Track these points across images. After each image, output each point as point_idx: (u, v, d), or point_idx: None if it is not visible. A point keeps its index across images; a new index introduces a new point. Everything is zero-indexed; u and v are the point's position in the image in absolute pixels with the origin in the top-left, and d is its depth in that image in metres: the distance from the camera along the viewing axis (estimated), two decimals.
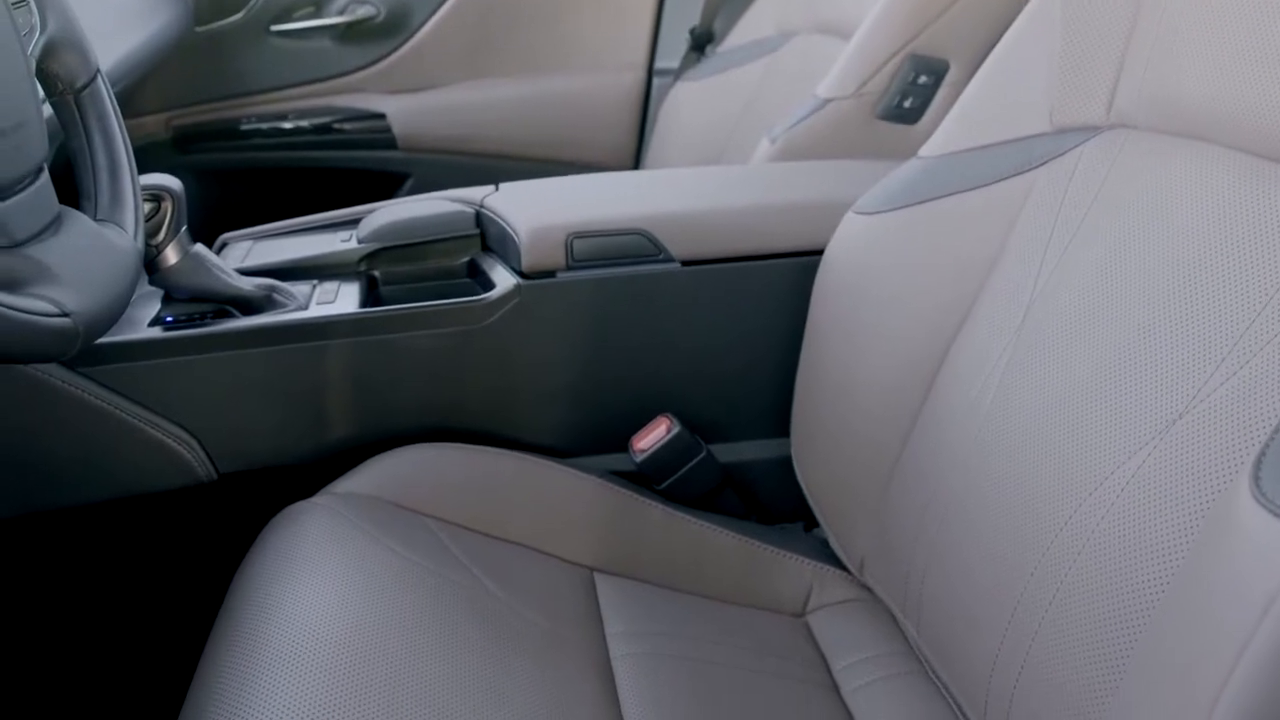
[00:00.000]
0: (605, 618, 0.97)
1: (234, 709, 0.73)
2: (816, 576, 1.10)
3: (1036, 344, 0.85)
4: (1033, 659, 0.76)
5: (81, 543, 1.12)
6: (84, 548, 1.13)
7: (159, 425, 1.06)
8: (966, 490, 0.87)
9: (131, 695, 1.18)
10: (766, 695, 0.93)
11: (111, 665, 1.17)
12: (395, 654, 0.79)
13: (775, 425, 1.18)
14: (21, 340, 0.66)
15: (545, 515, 1.05)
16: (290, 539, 0.92)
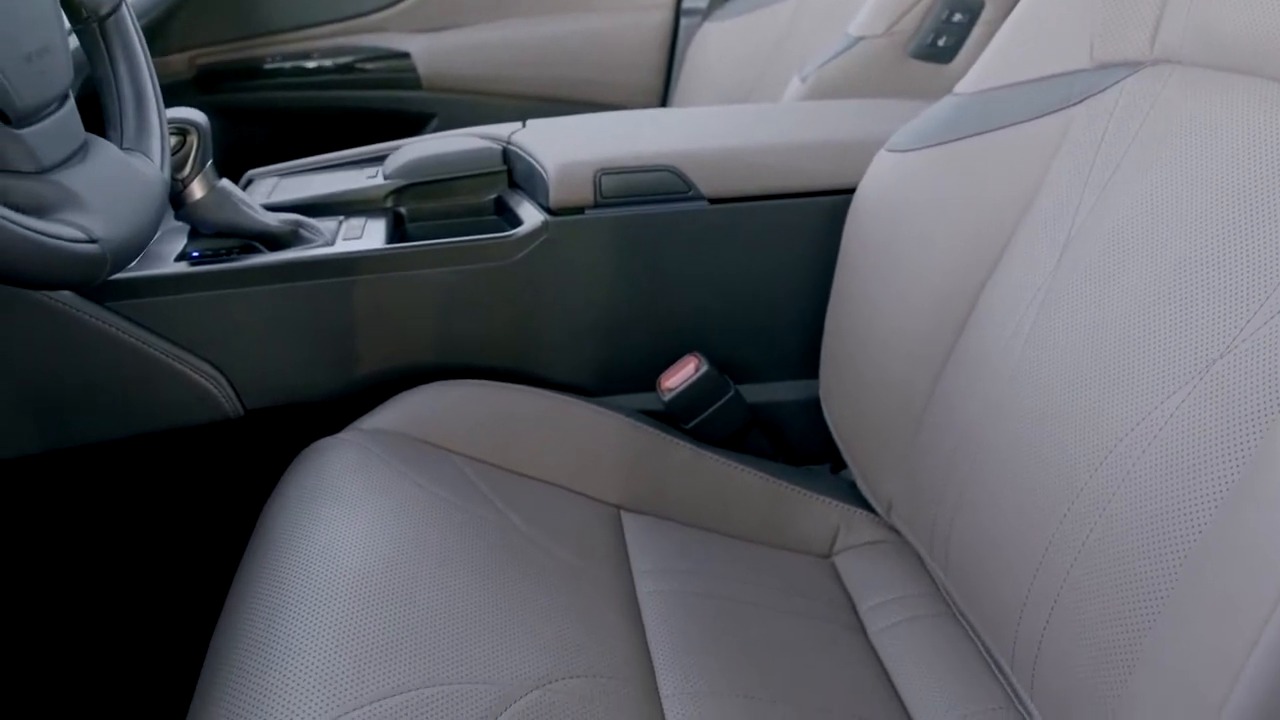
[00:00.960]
0: (632, 555, 0.97)
1: (263, 641, 0.74)
2: (843, 518, 1.09)
3: (1073, 282, 0.83)
4: (1063, 600, 0.75)
5: (109, 478, 1.13)
6: (111, 483, 1.13)
7: (186, 360, 1.06)
8: (998, 431, 0.86)
9: (159, 630, 1.19)
10: (792, 634, 0.92)
11: (140, 599, 1.18)
12: (424, 587, 0.79)
13: (803, 366, 1.17)
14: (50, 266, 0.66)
15: (572, 453, 1.04)
16: (317, 474, 0.92)
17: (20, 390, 1.02)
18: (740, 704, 0.82)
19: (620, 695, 0.78)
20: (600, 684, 0.77)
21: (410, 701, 0.68)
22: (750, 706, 0.82)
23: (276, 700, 0.68)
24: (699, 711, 0.80)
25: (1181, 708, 0.61)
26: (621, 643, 0.84)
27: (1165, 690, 0.63)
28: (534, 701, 0.72)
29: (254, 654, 0.73)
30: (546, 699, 0.73)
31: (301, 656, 0.70)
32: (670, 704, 0.80)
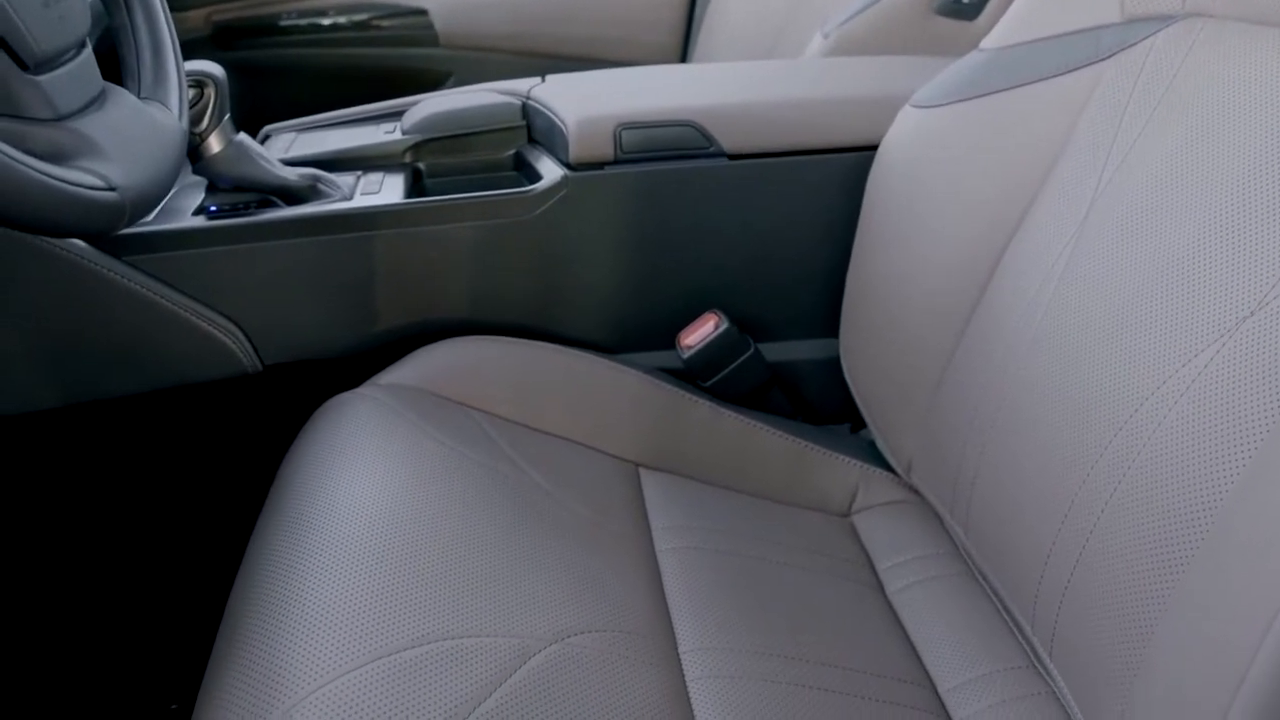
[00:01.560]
0: (650, 512, 0.97)
1: (281, 594, 0.74)
2: (863, 477, 1.09)
3: (1099, 240, 0.82)
4: (1085, 561, 0.75)
5: (128, 433, 1.13)
6: (130, 438, 1.13)
7: (204, 315, 1.06)
8: (1021, 390, 0.85)
9: (179, 583, 1.20)
10: (811, 591, 0.92)
11: (159, 553, 1.19)
12: (442, 539, 0.78)
13: (824, 325, 1.17)
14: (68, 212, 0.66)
15: (590, 410, 1.04)
16: (336, 428, 0.92)
17: (39, 344, 1.02)
18: (758, 660, 0.81)
19: (638, 649, 0.77)
20: (618, 638, 0.77)
21: (429, 654, 0.68)
22: (768, 663, 0.81)
23: (295, 652, 0.68)
24: (716, 666, 0.80)
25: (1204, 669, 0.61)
26: (640, 598, 0.84)
27: (1187, 652, 0.63)
28: (552, 655, 0.72)
29: (272, 606, 0.73)
30: (565, 652, 0.73)
31: (320, 608, 0.70)
32: (688, 659, 0.80)
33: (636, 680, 0.74)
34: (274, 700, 0.64)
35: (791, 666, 0.82)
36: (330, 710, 0.63)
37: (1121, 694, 0.71)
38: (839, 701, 0.80)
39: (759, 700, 0.77)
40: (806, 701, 0.79)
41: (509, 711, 0.67)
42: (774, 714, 0.77)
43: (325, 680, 0.65)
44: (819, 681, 0.81)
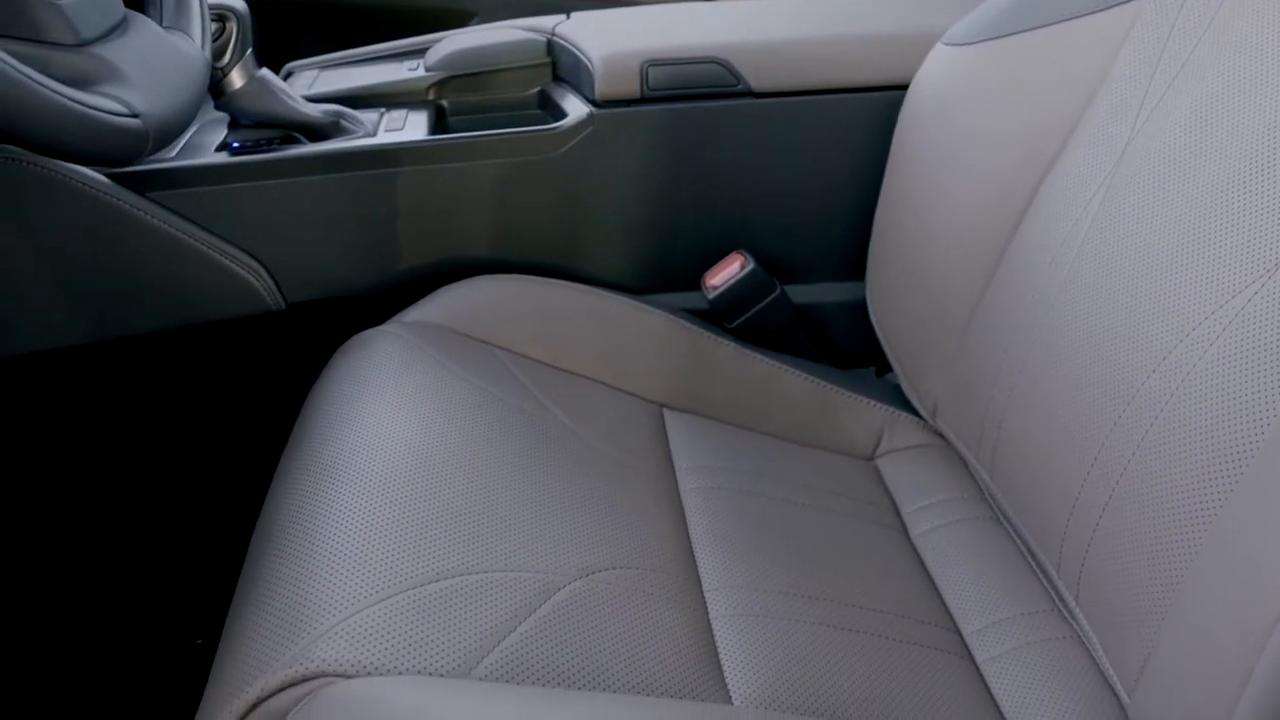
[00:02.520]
0: (674, 452, 0.96)
1: (305, 528, 0.73)
2: (887, 421, 1.08)
3: (1135, 179, 0.81)
4: (1115, 504, 0.74)
5: (152, 370, 1.13)
6: (154, 375, 1.13)
7: (227, 252, 1.05)
8: (1051, 332, 0.84)
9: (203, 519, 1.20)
10: (835, 533, 0.92)
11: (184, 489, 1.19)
12: (466, 476, 0.78)
13: (850, 267, 1.15)
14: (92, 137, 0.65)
15: (614, 350, 1.03)
16: (359, 365, 0.92)
17: (64, 280, 1.01)
18: (782, 599, 0.81)
19: (663, 587, 0.77)
20: (643, 575, 0.77)
21: (454, 587, 0.68)
22: (792, 602, 0.81)
23: (319, 585, 0.68)
24: (741, 605, 0.80)
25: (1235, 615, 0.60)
26: (664, 537, 0.83)
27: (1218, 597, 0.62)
28: (577, 590, 0.72)
29: (296, 540, 0.73)
30: (590, 588, 0.73)
31: (344, 542, 0.70)
32: (712, 597, 0.80)
33: (661, 616, 0.74)
34: (299, 632, 0.64)
35: (815, 606, 0.82)
36: (355, 642, 0.63)
37: (1147, 638, 0.70)
38: (863, 641, 0.80)
39: (783, 638, 0.77)
40: (830, 641, 0.79)
41: (534, 645, 0.67)
42: (798, 653, 0.77)
43: (350, 612, 0.65)
44: (843, 621, 0.81)
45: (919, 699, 0.77)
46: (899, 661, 0.79)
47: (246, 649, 0.66)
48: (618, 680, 0.68)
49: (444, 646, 0.64)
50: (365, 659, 0.62)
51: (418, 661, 0.63)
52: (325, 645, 0.63)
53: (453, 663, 0.64)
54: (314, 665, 0.62)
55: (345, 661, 0.62)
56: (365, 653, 0.62)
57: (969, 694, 0.79)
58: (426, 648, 0.64)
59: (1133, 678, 0.72)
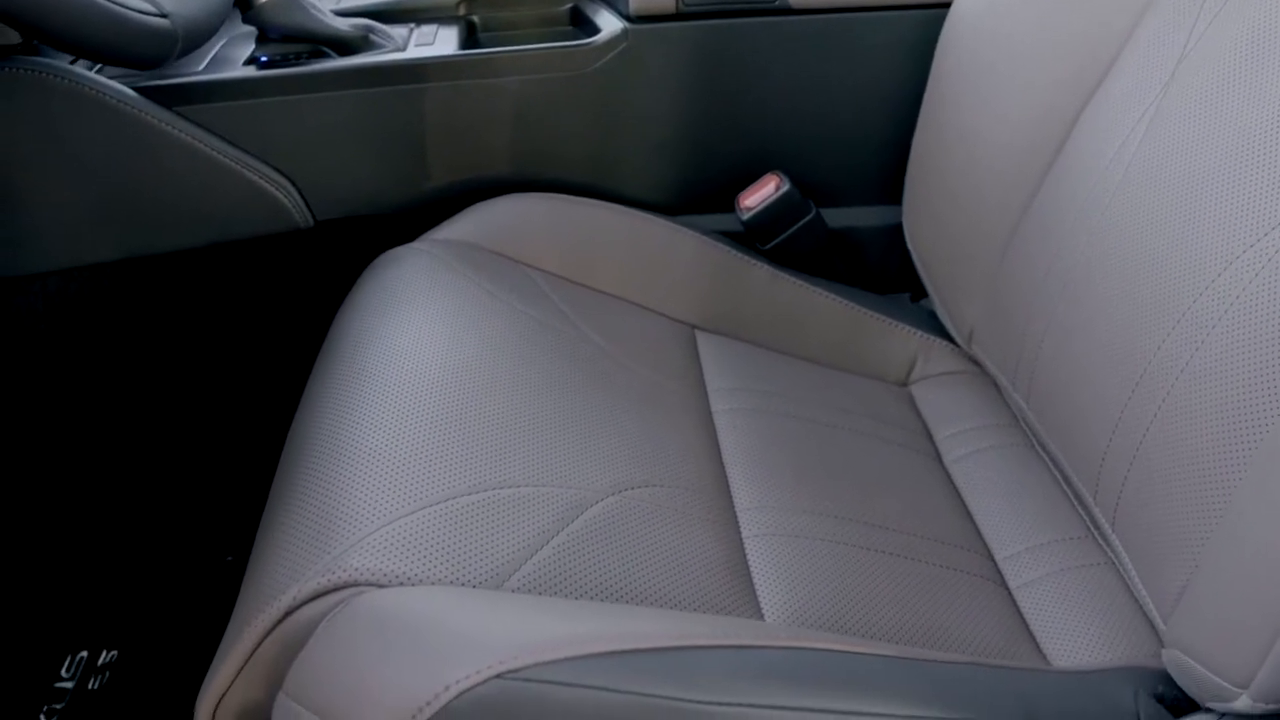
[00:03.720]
0: (706, 374, 0.95)
1: (336, 439, 0.73)
2: (922, 347, 1.07)
3: (1186, 100, 0.78)
4: (1157, 428, 0.73)
5: (181, 287, 1.13)
6: (183, 292, 1.13)
7: (256, 169, 1.04)
8: (1093, 257, 0.82)
9: (233, 436, 1.21)
10: (868, 456, 0.91)
11: (212, 407, 1.19)
12: (498, 392, 0.78)
13: (886, 191, 1.13)
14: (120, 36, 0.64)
15: (646, 270, 1.02)
16: (390, 281, 0.91)
17: (94, 197, 1.01)
18: (815, 520, 0.81)
19: (695, 505, 0.77)
20: (676, 494, 0.76)
21: (485, 500, 0.68)
22: (824, 523, 0.81)
23: (351, 496, 0.67)
24: (773, 525, 0.79)
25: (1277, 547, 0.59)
26: (696, 456, 0.83)
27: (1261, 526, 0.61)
28: (610, 506, 0.72)
29: (328, 453, 0.72)
30: (623, 505, 0.73)
31: (376, 454, 0.70)
32: (745, 517, 0.79)
33: (694, 534, 0.74)
34: (331, 542, 0.64)
35: (848, 528, 0.81)
36: (388, 552, 0.63)
37: (1187, 565, 0.69)
38: (895, 564, 0.79)
39: (815, 559, 0.77)
40: (862, 562, 0.78)
41: (567, 559, 0.67)
42: (830, 573, 0.76)
43: (382, 523, 0.64)
44: (875, 543, 0.80)
45: (951, 621, 0.76)
46: (931, 584, 0.79)
47: (278, 559, 0.66)
48: (650, 594, 0.67)
49: (477, 558, 0.64)
50: (398, 569, 0.62)
51: (450, 572, 0.63)
52: (358, 555, 0.62)
53: (486, 574, 0.63)
54: (346, 574, 0.61)
55: (378, 571, 0.61)
56: (398, 563, 0.62)
57: (1001, 618, 0.79)
58: (459, 559, 0.63)
59: (1170, 604, 0.71)
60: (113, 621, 1.11)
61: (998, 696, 0.63)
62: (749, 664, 0.58)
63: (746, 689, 0.56)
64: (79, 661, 1.06)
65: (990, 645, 0.76)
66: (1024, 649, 0.77)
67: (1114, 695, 0.67)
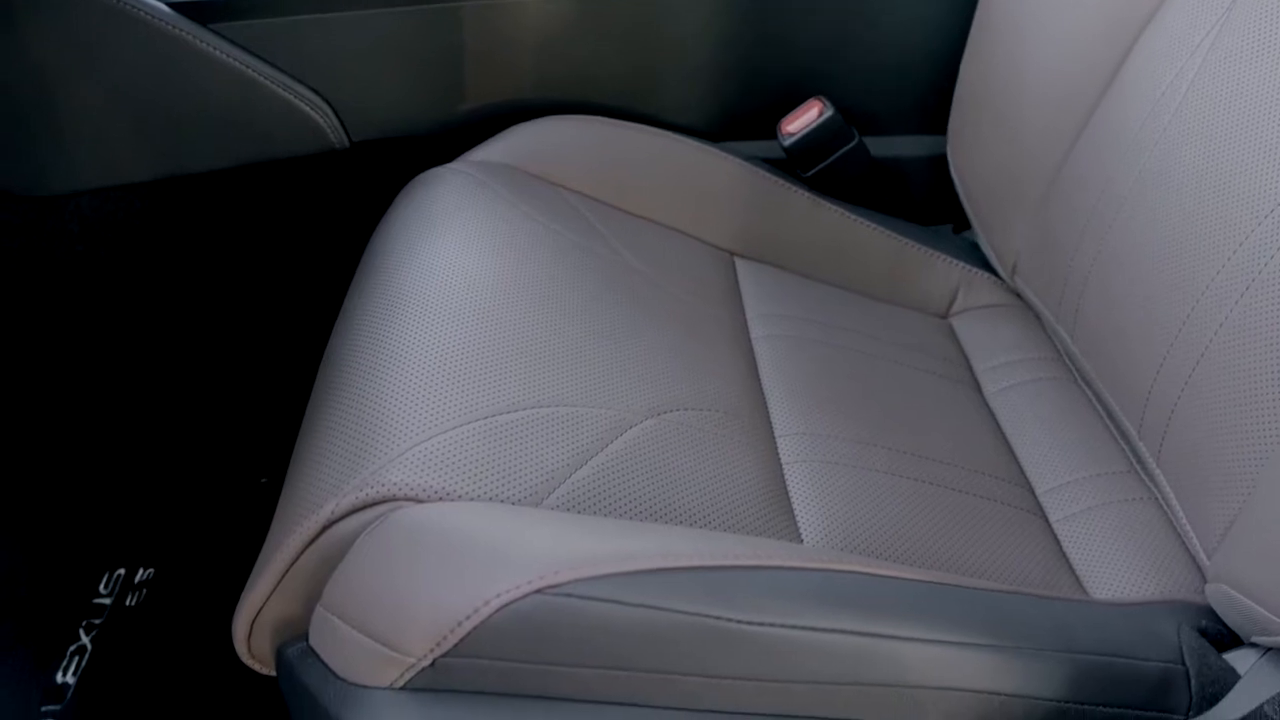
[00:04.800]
0: (745, 300, 0.94)
1: (373, 356, 0.72)
2: (963, 278, 1.05)
3: (1249, 28, 0.75)
4: (1202, 370, 0.71)
5: (216, 207, 1.12)
6: (219, 212, 1.12)
7: (291, 88, 1.03)
8: (1145, 189, 0.80)
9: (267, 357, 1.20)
10: (908, 387, 0.90)
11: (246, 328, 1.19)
12: (537, 313, 0.77)
13: (931, 120, 1.11)
14: None
15: (686, 195, 1.00)
16: (426, 201, 0.90)
17: (128, 116, 1.00)
18: (854, 447, 0.80)
19: (735, 430, 0.76)
20: (715, 417, 0.76)
21: (525, 419, 0.67)
22: (864, 451, 0.80)
23: (389, 412, 0.67)
24: (812, 451, 0.78)
25: None
26: (736, 381, 0.82)
27: None
28: (649, 429, 0.71)
29: (365, 369, 0.71)
30: (662, 427, 0.72)
31: (414, 371, 0.69)
32: (784, 443, 0.78)
33: (733, 457, 0.73)
34: (368, 457, 0.64)
35: (887, 456, 0.80)
36: (426, 467, 0.62)
37: (1236, 498, 0.68)
38: (934, 493, 0.78)
39: (854, 485, 0.76)
40: (902, 490, 0.77)
41: (605, 479, 0.66)
42: (869, 500, 0.75)
43: (420, 439, 0.64)
44: (914, 472, 0.80)
45: (989, 551, 0.76)
46: (970, 514, 0.78)
47: (315, 474, 0.65)
48: (689, 516, 0.67)
49: (515, 476, 0.64)
50: (436, 484, 0.61)
51: (489, 489, 0.62)
52: (395, 470, 0.62)
53: (524, 492, 0.63)
54: (384, 489, 0.61)
55: (416, 486, 0.61)
56: (436, 478, 0.62)
57: (1040, 550, 0.78)
58: (498, 476, 0.63)
59: (1215, 539, 0.70)
60: (149, 541, 1.11)
61: (1038, 625, 0.63)
62: (788, 585, 0.58)
63: (785, 610, 0.56)
64: (116, 579, 1.07)
65: (1029, 576, 0.75)
66: (1064, 581, 0.76)
67: (1156, 628, 0.67)
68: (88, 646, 1.01)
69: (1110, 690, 0.63)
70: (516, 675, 0.55)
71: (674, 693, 0.57)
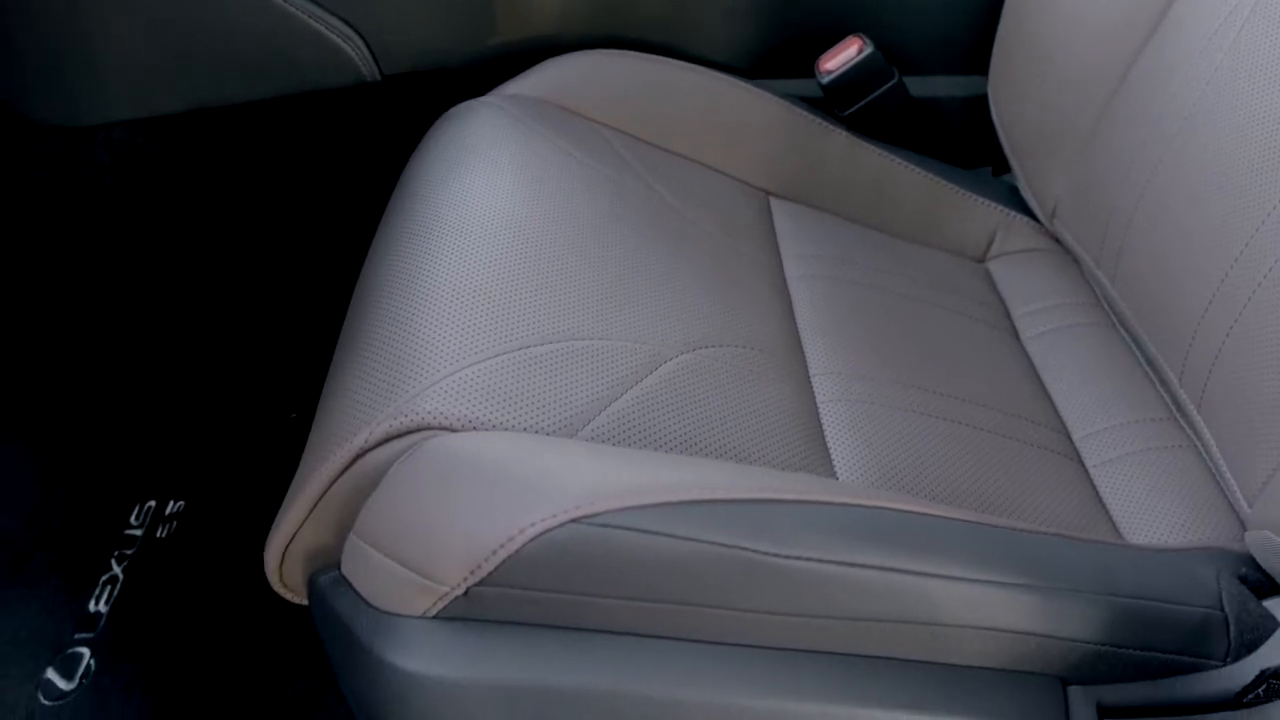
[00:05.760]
0: (780, 240, 0.93)
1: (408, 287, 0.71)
2: (1002, 222, 1.03)
3: None
4: (1248, 316, 0.70)
5: (247, 140, 1.11)
6: (250, 145, 1.12)
7: (322, 19, 1.01)
8: (1195, 129, 0.78)
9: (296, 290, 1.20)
10: (944, 329, 0.89)
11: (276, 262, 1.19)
12: (572, 243, 0.76)
13: (972, 60, 1.09)
14: None
15: (722, 133, 0.98)
16: (459, 134, 0.88)
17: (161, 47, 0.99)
18: (890, 388, 0.79)
19: (770, 368, 0.75)
20: (750, 355, 0.75)
21: (560, 351, 0.67)
22: (900, 392, 0.79)
23: (421, 342, 0.66)
24: (848, 391, 0.77)
25: None
26: (771, 320, 0.81)
27: None
28: (684, 364, 0.70)
29: (397, 300, 0.70)
30: (697, 362, 0.71)
31: (447, 301, 0.68)
32: (819, 382, 0.78)
33: (768, 395, 0.72)
34: (401, 387, 0.63)
35: (922, 397, 0.79)
36: (460, 397, 0.61)
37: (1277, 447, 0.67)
38: (970, 435, 0.78)
39: (889, 425, 0.75)
40: (937, 431, 0.76)
41: (640, 412, 0.66)
42: (904, 440, 0.75)
43: (454, 369, 0.63)
44: (950, 414, 0.79)
45: (1026, 494, 0.75)
46: (1006, 457, 0.77)
47: (348, 403, 0.65)
48: (724, 451, 0.66)
49: (550, 408, 0.63)
50: (471, 414, 0.61)
51: (523, 420, 0.62)
52: (429, 399, 0.61)
53: (558, 424, 0.62)
54: (418, 418, 0.61)
55: (450, 415, 0.60)
56: (471, 408, 0.61)
57: (1076, 494, 0.77)
58: (532, 407, 0.62)
59: (1257, 486, 0.69)
60: (179, 475, 1.12)
61: (1078, 567, 0.62)
62: (826, 520, 0.57)
63: (822, 544, 0.55)
64: (147, 510, 1.08)
65: (1066, 520, 0.74)
66: (1100, 526, 0.75)
67: (1196, 573, 0.66)
68: (120, 576, 1.01)
69: (1148, 634, 0.62)
70: (550, 605, 0.55)
71: (707, 626, 0.56)
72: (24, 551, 1.02)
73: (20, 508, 1.06)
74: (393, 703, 0.55)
